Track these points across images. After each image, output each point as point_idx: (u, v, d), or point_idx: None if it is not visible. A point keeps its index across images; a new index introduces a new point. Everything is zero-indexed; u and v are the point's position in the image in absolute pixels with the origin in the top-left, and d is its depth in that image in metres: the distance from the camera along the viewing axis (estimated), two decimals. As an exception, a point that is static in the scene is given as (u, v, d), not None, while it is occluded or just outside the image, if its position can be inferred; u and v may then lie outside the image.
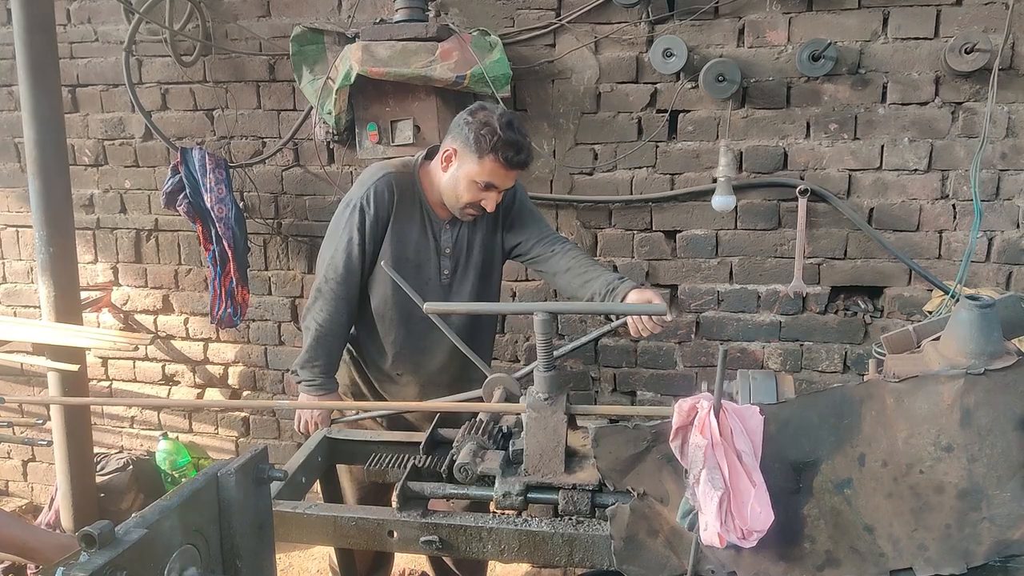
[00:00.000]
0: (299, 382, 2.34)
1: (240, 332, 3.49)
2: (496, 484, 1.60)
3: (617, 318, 2.25)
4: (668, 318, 2.13)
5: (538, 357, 1.63)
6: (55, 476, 3.02)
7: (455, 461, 1.66)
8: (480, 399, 2.06)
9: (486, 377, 2.00)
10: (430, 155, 2.35)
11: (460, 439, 1.73)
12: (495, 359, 3.18)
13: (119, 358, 3.69)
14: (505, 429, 1.80)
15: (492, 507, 1.68)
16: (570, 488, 1.58)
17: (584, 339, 2.30)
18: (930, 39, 2.65)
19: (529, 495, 1.60)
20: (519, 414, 1.71)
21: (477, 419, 1.79)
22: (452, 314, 2.30)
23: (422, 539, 1.61)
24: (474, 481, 1.64)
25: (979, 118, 2.65)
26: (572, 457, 1.63)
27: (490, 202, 2.22)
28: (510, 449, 1.67)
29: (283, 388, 3.51)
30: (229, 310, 3.19)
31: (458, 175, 2.21)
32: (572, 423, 1.66)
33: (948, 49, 2.58)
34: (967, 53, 2.55)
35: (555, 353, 1.67)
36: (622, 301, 2.16)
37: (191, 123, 3.35)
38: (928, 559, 1.35)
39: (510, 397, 1.96)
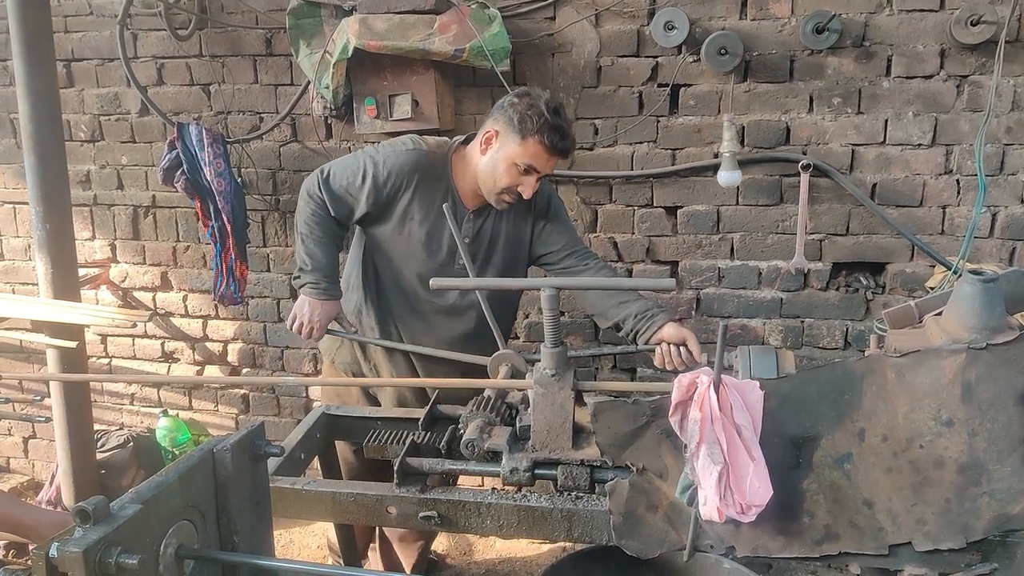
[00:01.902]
0: (301, 286, 2.29)
1: (239, 309, 3.48)
2: (503, 460, 1.60)
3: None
4: (702, 359, 2.15)
5: (545, 333, 1.62)
6: (56, 453, 3.03)
7: (462, 437, 1.66)
8: (486, 375, 2.05)
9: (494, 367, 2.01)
10: (467, 141, 2.32)
11: (467, 415, 1.73)
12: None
13: (118, 335, 3.69)
14: (511, 411, 1.79)
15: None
16: (575, 463, 1.58)
17: (611, 350, 2.32)
18: (935, 11, 2.61)
19: (536, 471, 1.60)
20: (525, 390, 1.71)
21: (484, 395, 1.79)
22: (455, 290, 2.28)
23: (421, 515, 1.62)
24: (481, 457, 1.63)
25: (984, 92, 2.62)
26: (579, 433, 1.63)
27: (527, 187, 2.18)
28: (517, 425, 1.67)
29: (282, 365, 3.51)
30: (232, 287, 3.18)
31: (498, 157, 2.17)
32: (579, 399, 1.66)
33: (954, 21, 2.54)
34: (973, 25, 2.51)
35: (573, 353, 1.66)
36: (656, 332, 2.19)
37: (187, 98, 3.31)
38: (927, 533, 1.36)
39: (516, 374, 1.95)
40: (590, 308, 2.46)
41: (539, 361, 1.64)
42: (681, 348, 2.17)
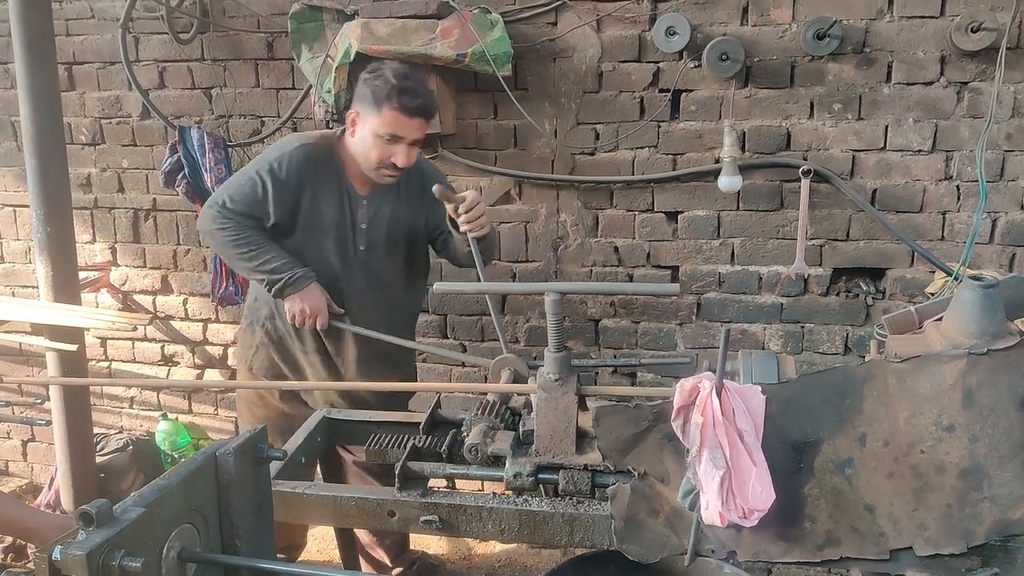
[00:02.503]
0: (280, 291, 2.31)
1: (239, 312, 3.47)
2: (507, 465, 1.60)
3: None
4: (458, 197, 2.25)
5: (549, 338, 1.62)
6: (55, 456, 3.02)
7: (465, 442, 1.66)
8: (485, 379, 2.07)
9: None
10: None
11: (470, 420, 1.73)
12: (494, 340, 3.18)
13: (118, 338, 3.68)
14: (514, 416, 1.79)
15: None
16: (578, 468, 1.58)
17: (613, 362, 2.35)
18: (936, 17, 2.62)
19: (540, 476, 1.60)
20: (527, 395, 1.70)
21: (487, 400, 1.79)
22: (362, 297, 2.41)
23: (422, 519, 1.62)
24: (485, 461, 1.63)
25: (984, 98, 2.62)
26: (583, 438, 1.63)
27: (400, 156, 2.25)
28: (520, 430, 1.67)
29: (283, 369, 3.51)
30: (231, 288, 3.19)
31: (364, 134, 2.26)
32: (582, 404, 1.66)
33: (954, 28, 2.55)
34: (973, 32, 2.52)
35: (577, 363, 1.66)
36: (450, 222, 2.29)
37: (189, 101, 3.32)
38: (928, 538, 1.36)
39: (518, 378, 1.95)
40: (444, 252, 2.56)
41: (542, 366, 1.64)
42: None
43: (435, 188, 2.22)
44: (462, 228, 2.26)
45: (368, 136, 2.25)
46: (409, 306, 2.63)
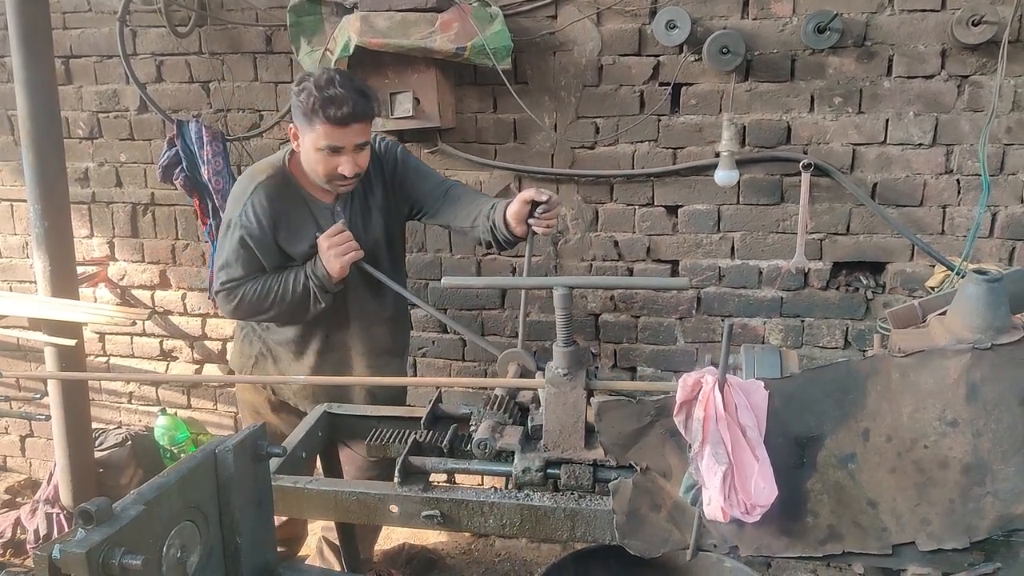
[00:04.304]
0: (324, 284, 2.23)
1: (238, 307, 3.47)
2: (515, 460, 1.60)
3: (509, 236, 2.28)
4: (541, 196, 2.18)
5: (557, 332, 1.61)
6: (54, 451, 3.01)
7: (466, 436, 1.66)
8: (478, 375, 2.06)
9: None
10: None
11: (478, 415, 1.72)
12: (495, 335, 3.18)
13: (116, 333, 3.67)
14: (521, 411, 1.78)
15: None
16: (588, 464, 1.57)
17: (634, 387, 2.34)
18: (937, 11, 2.61)
19: (548, 471, 1.59)
20: (535, 389, 1.70)
21: (494, 394, 1.78)
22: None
23: (423, 514, 1.61)
24: (493, 457, 1.63)
25: (985, 92, 2.62)
26: (591, 433, 1.62)
27: (347, 165, 2.16)
28: (528, 425, 1.66)
29: (282, 363, 3.50)
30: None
31: (306, 149, 2.19)
32: (591, 399, 1.65)
33: (955, 21, 2.54)
34: (974, 25, 2.51)
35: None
36: (504, 209, 2.23)
37: (187, 95, 3.30)
38: (931, 533, 1.35)
39: (525, 373, 1.95)
40: (456, 231, 2.51)
41: (550, 360, 1.63)
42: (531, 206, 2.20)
43: (533, 191, 2.17)
44: (534, 225, 2.20)
45: (310, 150, 2.17)
46: (402, 303, 2.58)
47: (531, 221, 2.21)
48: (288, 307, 2.26)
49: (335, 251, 2.22)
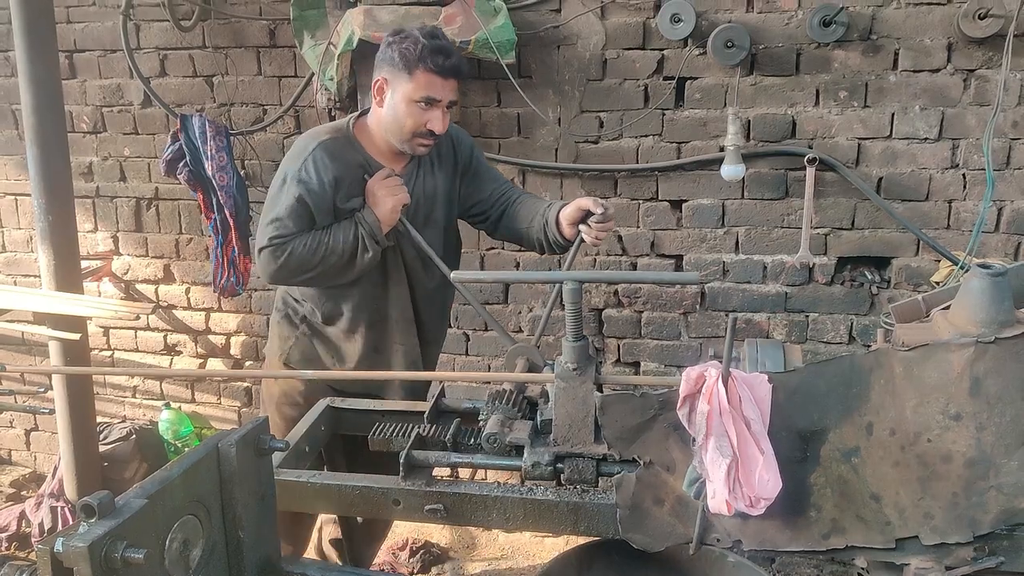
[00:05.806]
0: (374, 232, 2.13)
1: (242, 302, 3.48)
2: (525, 454, 1.59)
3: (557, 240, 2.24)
4: (598, 208, 2.11)
5: (567, 327, 1.60)
6: (58, 445, 3.02)
7: (472, 431, 1.65)
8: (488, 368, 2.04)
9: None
10: (363, 114, 2.27)
11: (487, 409, 1.72)
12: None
13: (120, 328, 3.68)
14: (530, 405, 1.78)
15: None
16: (597, 458, 1.57)
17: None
18: (943, 4, 2.60)
19: (558, 465, 1.59)
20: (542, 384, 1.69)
21: (503, 389, 1.77)
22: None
23: (427, 507, 1.61)
24: (502, 451, 1.62)
25: (991, 86, 2.60)
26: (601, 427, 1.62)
27: (436, 122, 2.10)
28: (538, 419, 1.66)
29: (286, 358, 3.50)
30: (232, 279, 3.17)
31: (395, 101, 2.10)
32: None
33: (961, 14, 2.52)
34: (981, 19, 2.50)
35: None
36: (558, 213, 2.17)
37: (190, 90, 3.30)
38: (934, 527, 1.35)
39: (533, 368, 1.94)
40: (508, 226, 2.40)
41: (559, 355, 1.63)
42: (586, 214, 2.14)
43: (591, 201, 2.12)
44: (584, 232, 2.14)
45: (400, 103, 2.08)
46: (449, 282, 2.39)
47: (582, 227, 2.15)
48: (336, 261, 2.14)
49: (383, 191, 2.13)
